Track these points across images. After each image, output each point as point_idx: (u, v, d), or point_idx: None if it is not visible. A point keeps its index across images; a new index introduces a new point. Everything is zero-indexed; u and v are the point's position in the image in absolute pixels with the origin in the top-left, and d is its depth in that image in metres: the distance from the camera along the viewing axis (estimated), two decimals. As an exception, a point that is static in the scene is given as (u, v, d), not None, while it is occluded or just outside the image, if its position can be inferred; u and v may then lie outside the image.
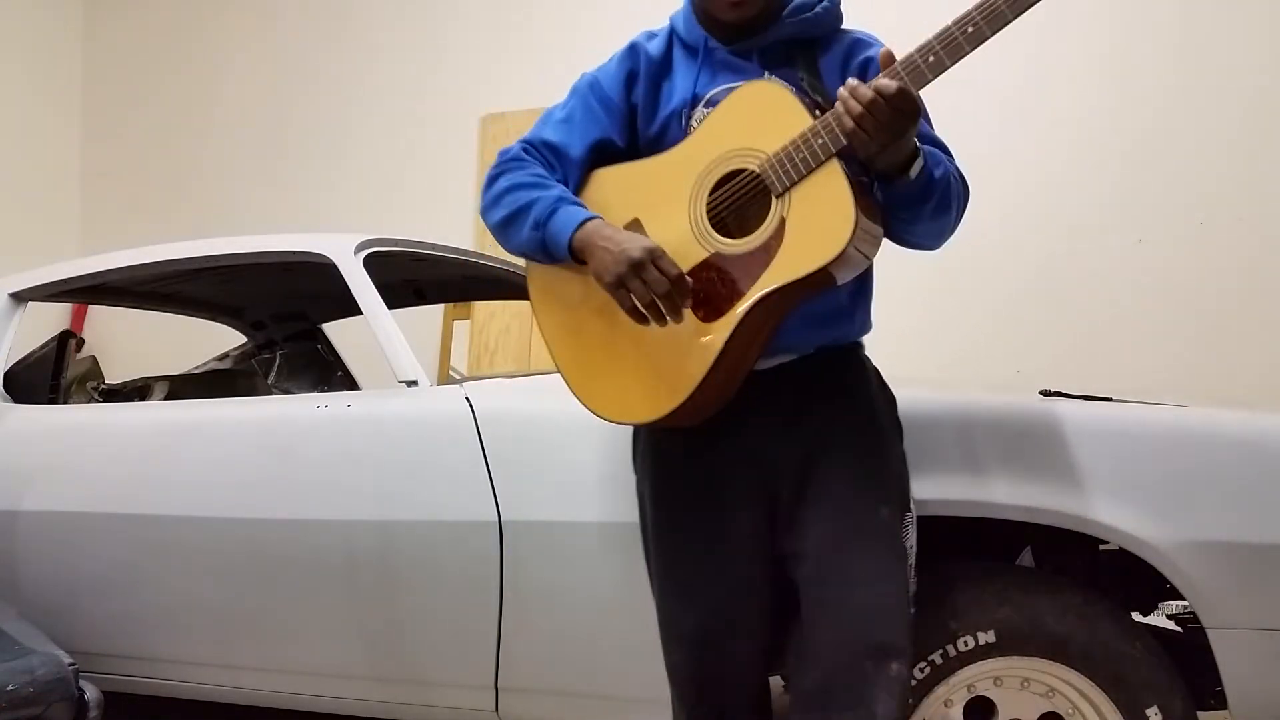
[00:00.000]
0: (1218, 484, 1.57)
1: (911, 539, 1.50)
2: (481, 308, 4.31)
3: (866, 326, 1.56)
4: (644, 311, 1.35)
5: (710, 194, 1.41)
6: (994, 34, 1.27)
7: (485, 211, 1.54)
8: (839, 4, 1.51)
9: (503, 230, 1.51)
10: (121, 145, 5.36)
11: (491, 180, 1.54)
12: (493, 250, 4.21)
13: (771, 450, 1.46)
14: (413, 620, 1.95)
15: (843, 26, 1.52)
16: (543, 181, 1.49)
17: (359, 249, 2.20)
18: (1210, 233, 3.47)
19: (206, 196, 5.08)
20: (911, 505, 1.51)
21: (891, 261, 1.85)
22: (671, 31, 1.56)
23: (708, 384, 1.36)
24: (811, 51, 1.49)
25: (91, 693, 1.84)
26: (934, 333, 3.67)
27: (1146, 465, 1.59)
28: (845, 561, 1.41)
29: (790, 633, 1.50)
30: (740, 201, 1.40)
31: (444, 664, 1.95)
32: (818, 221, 1.32)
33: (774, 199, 1.36)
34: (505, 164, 1.54)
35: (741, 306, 1.35)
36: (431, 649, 1.95)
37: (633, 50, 1.56)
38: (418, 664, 1.97)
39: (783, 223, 1.34)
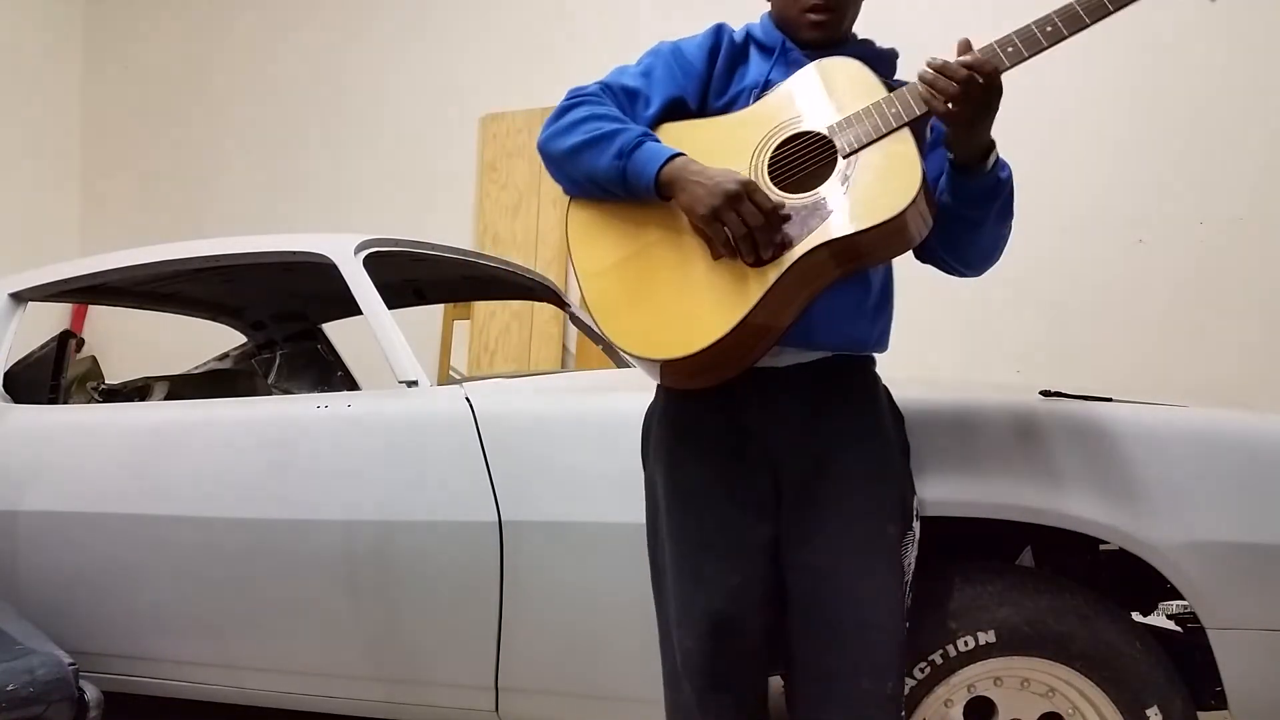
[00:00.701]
0: (1218, 484, 1.57)
1: (911, 557, 1.50)
2: (481, 308, 4.32)
3: (884, 342, 1.57)
4: (736, 245, 1.35)
5: (774, 151, 1.42)
6: (1071, 35, 1.31)
7: (553, 138, 1.50)
8: (897, 56, 1.58)
9: (573, 157, 1.47)
10: (121, 145, 5.36)
11: (564, 110, 1.51)
12: (492, 250, 4.20)
13: (782, 447, 1.47)
14: (413, 620, 1.95)
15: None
16: (623, 117, 1.49)
17: (359, 249, 2.20)
18: (1210, 233, 3.47)
19: (206, 196, 5.09)
20: (914, 525, 1.51)
21: (892, 263, 1.83)
22: (748, 33, 1.60)
23: (743, 328, 1.35)
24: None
25: (91, 693, 1.84)
26: (933, 333, 3.67)
27: (1146, 465, 1.59)
28: (850, 578, 1.41)
29: (789, 635, 1.50)
30: (804, 159, 1.41)
31: (444, 664, 1.95)
32: (883, 182, 1.33)
33: (840, 159, 1.37)
34: (582, 96, 1.52)
35: (795, 252, 1.34)
36: (431, 649, 1.95)
37: (718, 30, 1.59)
38: (418, 664, 1.97)
39: (845, 181, 1.36)
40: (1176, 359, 3.44)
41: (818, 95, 1.42)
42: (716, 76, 1.55)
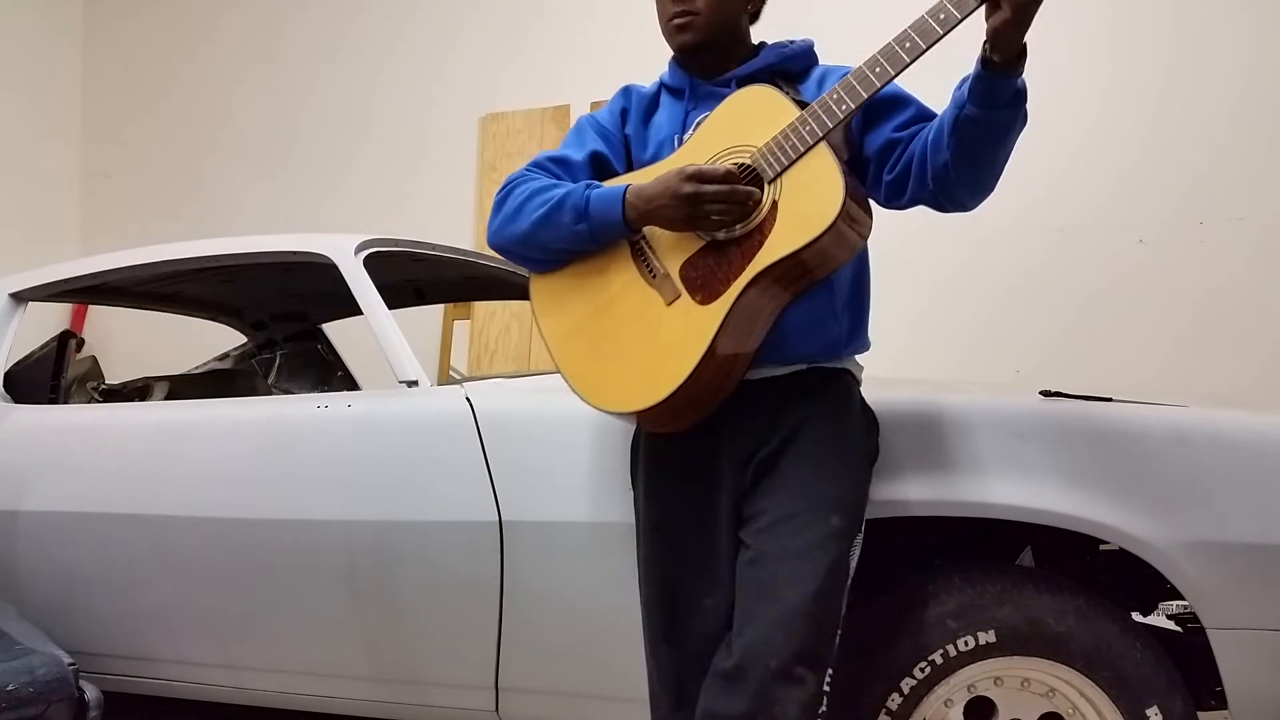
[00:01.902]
0: (1218, 484, 1.57)
1: (854, 562, 1.48)
2: (481, 308, 4.31)
3: (858, 337, 1.58)
4: (726, 221, 1.40)
5: None
6: None
7: (503, 229, 1.55)
8: (812, 46, 1.61)
9: (531, 239, 1.52)
10: (121, 145, 5.36)
11: (503, 200, 1.56)
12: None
13: (750, 457, 1.49)
14: (413, 620, 1.95)
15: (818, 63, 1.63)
16: (561, 182, 1.55)
17: (359, 249, 2.20)
18: (1210, 233, 3.47)
19: (207, 197, 5.09)
20: (861, 530, 1.51)
21: (893, 262, 1.84)
22: (660, 83, 1.66)
23: (705, 367, 1.39)
24: (792, 84, 1.57)
25: (91, 693, 1.84)
26: (934, 333, 3.67)
27: (1146, 465, 1.59)
28: (779, 559, 1.40)
29: None
30: None
31: (444, 664, 1.95)
32: (808, 198, 1.37)
33: (766, 185, 1.41)
34: (513, 182, 1.58)
35: (738, 284, 1.38)
36: (431, 649, 1.95)
37: (625, 91, 1.67)
38: (418, 664, 1.97)
39: (775, 205, 1.40)
40: (1176, 359, 3.44)
41: (736, 128, 1.47)
42: (633, 135, 1.62)
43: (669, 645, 1.52)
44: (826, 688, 1.40)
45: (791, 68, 1.58)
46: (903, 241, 1.58)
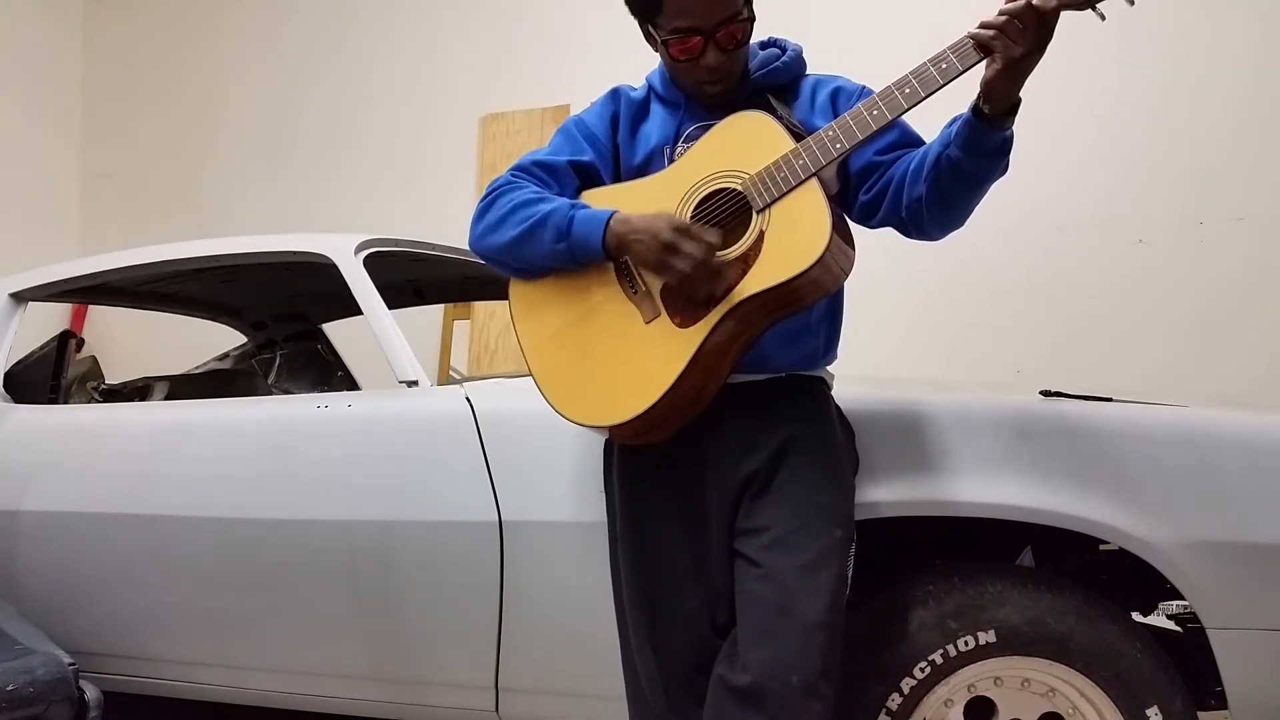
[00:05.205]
0: (1218, 484, 1.57)
1: (850, 571, 1.50)
2: (481, 308, 4.31)
3: (832, 353, 1.61)
4: (690, 281, 1.40)
5: (694, 211, 1.46)
6: None
7: (485, 236, 1.54)
8: (801, 53, 1.61)
9: (513, 250, 1.52)
10: (121, 146, 5.36)
11: (487, 207, 1.55)
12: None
13: (737, 457, 1.50)
14: (413, 620, 1.95)
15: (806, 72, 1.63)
16: (546, 195, 1.53)
17: (359, 249, 2.20)
18: (1210, 233, 3.47)
19: (207, 197, 5.09)
20: (854, 538, 1.52)
21: (893, 261, 1.84)
22: (650, 87, 1.64)
23: (679, 388, 1.40)
24: (783, 96, 1.57)
25: (91, 693, 1.85)
26: (934, 333, 3.67)
27: (1146, 465, 1.59)
28: (791, 575, 1.41)
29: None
30: (723, 218, 1.45)
31: (444, 664, 1.95)
32: (795, 234, 1.38)
33: (755, 214, 1.42)
34: (498, 189, 1.56)
35: (718, 310, 1.40)
36: (431, 649, 1.95)
37: (614, 94, 1.65)
38: (418, 664, 1.97)
39: (761, 235, 1.40)
40: (1176, 359, 3.44)
41: (729, 153, 1.47)
42: (624, 144, 1.60)
43: (654, 648, 1.52)
44: None
45: (782, 81, 1.59)
46: (902, 240, 1.58)
